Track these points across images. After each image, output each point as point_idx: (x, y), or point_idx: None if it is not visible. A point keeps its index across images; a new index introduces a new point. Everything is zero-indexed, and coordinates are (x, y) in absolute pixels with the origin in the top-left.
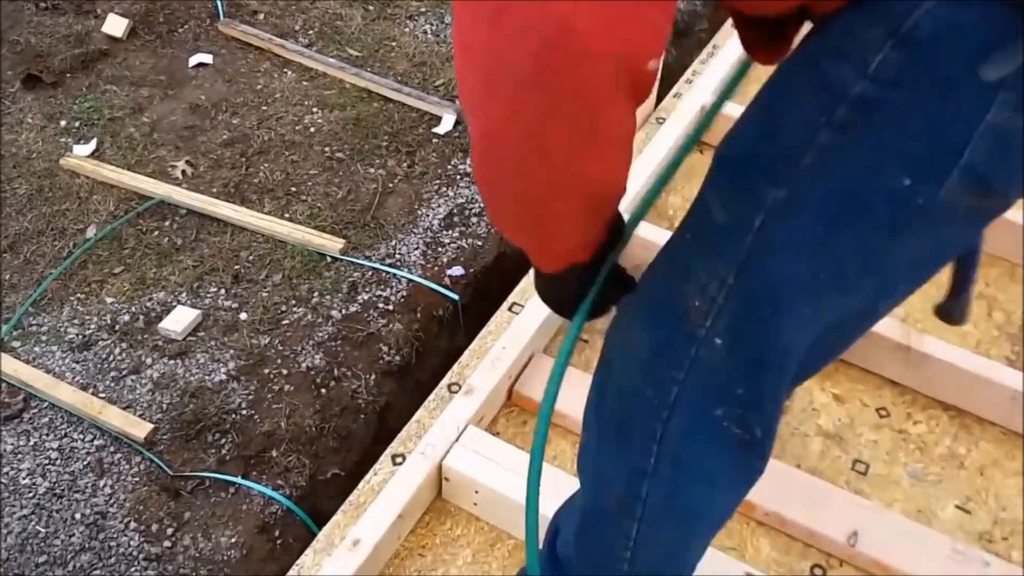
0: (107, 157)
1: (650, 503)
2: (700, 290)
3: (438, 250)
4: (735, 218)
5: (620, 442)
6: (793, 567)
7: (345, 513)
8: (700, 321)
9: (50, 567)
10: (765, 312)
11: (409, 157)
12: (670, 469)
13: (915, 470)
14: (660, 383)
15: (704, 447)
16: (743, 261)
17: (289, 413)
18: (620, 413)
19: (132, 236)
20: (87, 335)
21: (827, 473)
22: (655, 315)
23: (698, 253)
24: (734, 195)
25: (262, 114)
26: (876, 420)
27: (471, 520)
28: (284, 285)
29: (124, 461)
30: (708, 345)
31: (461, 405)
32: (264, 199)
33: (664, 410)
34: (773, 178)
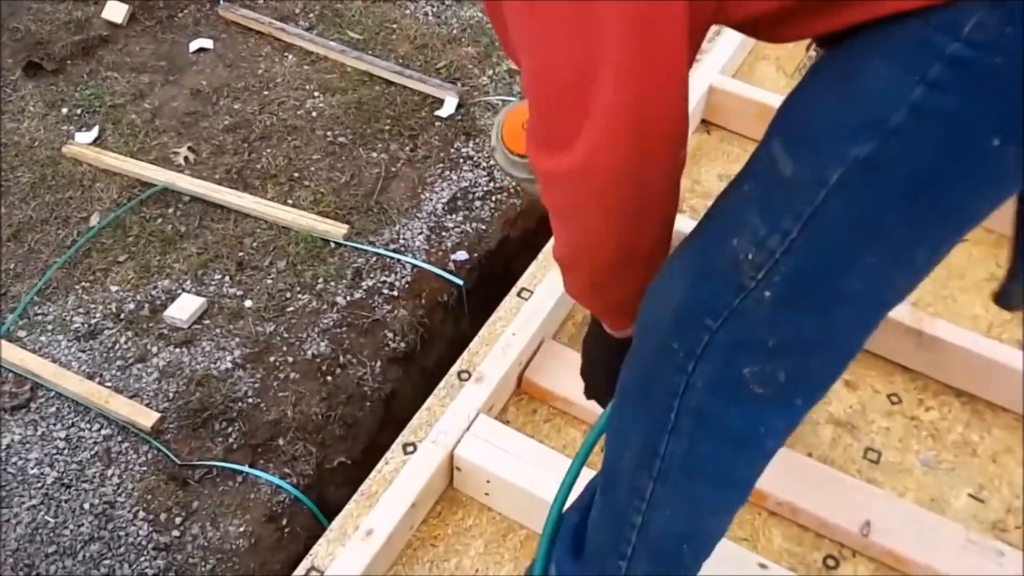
0: (109, 144)
1: (667, 461)
2: (757, 243)
3: (442, 235)
4: (809, 172)
5: (642, 398)
6: (806, 558)
7: (357, 503)
8: (752, 273)
9: (60, 557)
10: (830, 265)
11: (412, 141)
12: (691, 424)
13: (927, 458)
14: (690, 335)
15: (726, 404)
16: (812, 214)
17: (295, 401)
18: (644, 368)
19: (136, 224)
20: (93, 324)
21: (839, 462)
22: (698, 266)
23: (758, 206)
24: (810, 149)
25: (264, 99)
26: (888, 407)
27: (483, 510)
28: (288, 272)
29: (131, 450)
30: (755, 296)
31: (472, 393)
32: (267, 185)
33: (690, 362)
34: (858, 134)
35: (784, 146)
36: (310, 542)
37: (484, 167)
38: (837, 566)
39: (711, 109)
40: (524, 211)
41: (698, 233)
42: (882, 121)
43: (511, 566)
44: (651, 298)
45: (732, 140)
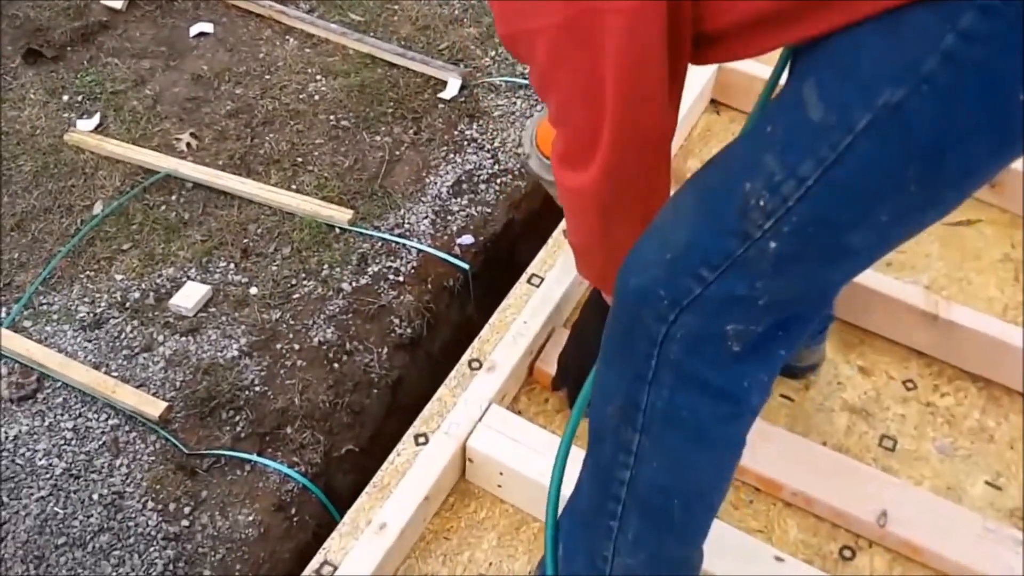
0: (111, 131)
1: (648, 413)
2: (771, 188)
3: (447, 219)
4: (836, 117)
5: (623, 347)
6: (821, 548)
7: (370, 495)
8: (760, 221)
9: (69, 548)
10: (844, 216)
11: (415, 123)
12: (670, 376)
13: (943, 445)
14: (680, 284)
15: (702, 360)
16: (834, 161)
17: (302, 389)
18: (626, 316)
19: (139, 211)
20: (98, 313)
21: (854, 450)
22: (704, 210)
23: (778, 149)
24: (841, 94)
25: (265, 83)
26: (903, 393)
27: (495, 502)
28: (293, 258)
29: (139, 440)
30: (759, 247)
31: (483, 383)
32: (270, 170)
33: (674, 311)
34: (890, 80)
35: (815, 88)
36: (319, 531)
37: (488, 149)
38: (853, 557)
39: (720, 88)
40: (529, 193)
41: (707, 175)
42: (915, 68)
43: (525, 559)
44: (649, 237)
45: (741, 120)
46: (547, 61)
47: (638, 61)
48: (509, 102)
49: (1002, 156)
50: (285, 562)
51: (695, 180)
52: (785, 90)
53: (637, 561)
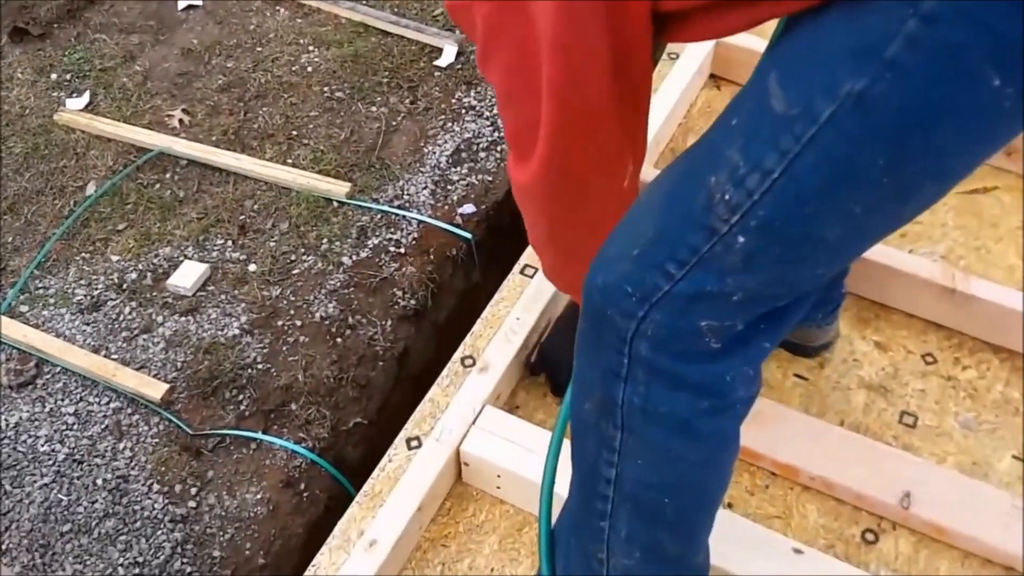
0: (101, 110)
1: (626, 409)
2: (735, 182)
3: (447, 188)
4: (799, 108)
5: (595, 342)
6: (843, 533)
7: (361, 505)
8: (726, 216)
9: (75, 535)
10: (810, 209)
11: (411, 93)
12: (643, 373)
13: (967, 419)
14: (647, 281)
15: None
16: (798, 153)
17: (306, 365)
18: (596, 314)
19: (133, 190)
20: (95, 295)
21: (873, 428)
22: (669, 205)
23: (741, 142)
24: (803, 84)
25: (257, 56)
26: (922, 367)
27: (495, 504)
28: (292, 233)
29: (142, 422)
30: (727, 242)
31: (476, 383)
32: (265, 145)
33: (643, 307)
34: (852, 69)
35: (779, 80)
36: (331, 503)
37: (487, 117)
38: (876, 540)
39: (719, 63)
40: None
41: (675, 168)
42: (877, 53)
43: (528, 562)
44: (617, 233)
45: None
46: (485, 34)
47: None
48: None
49: (981, 143)
50: (297, 537)
51: (664, 174)
52: (751, 81)
53: (633, 561)
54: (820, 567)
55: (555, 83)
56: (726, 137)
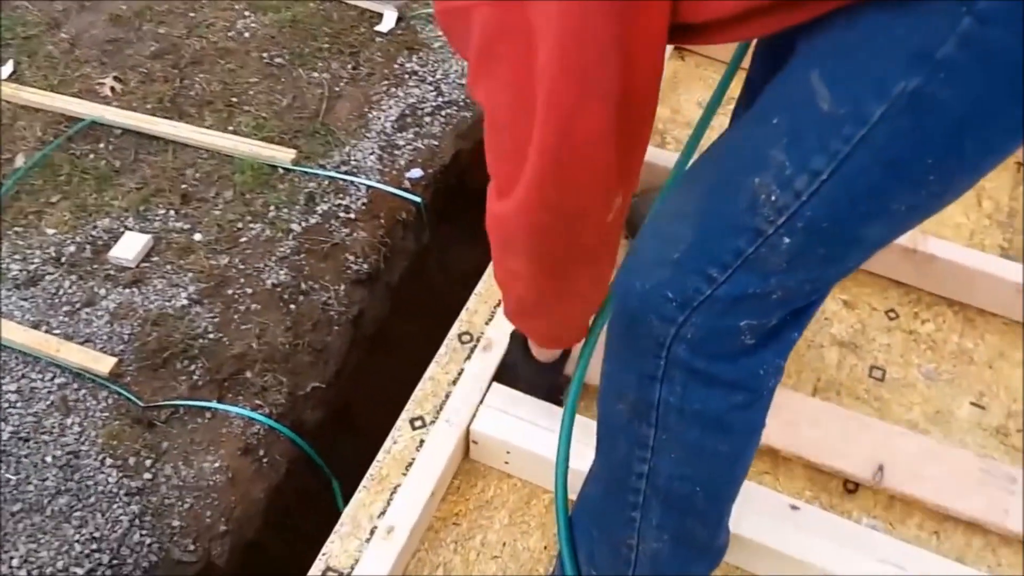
0: (27, 79)
1: (663, 409)
2: (782, 184)
3: (394, 153)
4: (847, 107)
5: (628, 346)
6: (827, 484)
7: (368, 489)
8: (772, 217)
9: (27, 514)
10: (860, 210)
11: (353, 59)
12: (681, 374)
13: (929, 371)
14: (689, 286)
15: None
16: (848, 154)
17: (259, 332)
18: (632, 320)
19: (66, 161)
20: (32, 270)
21: (847, 383)
22: (709, 208)
23: (786, 143)
24: (851, 83)
25: (191, 21)
26: (887, 323)
27: (503, 478)
28: (237, 201)
29: (90, 397)
30: (772, 244)
31: (481, 362)
32: (204, 112)
33: (683, 312)
34: (904, 68)
35: (823, 78)
36: (292, 467)
37: (431, 82)
38: (856, 490)
39: None
40: (476, 123)
41: (708, 170)
42: (929, 53)
43: (539, 534)
44: (649, 238)
45: (708, 65)
46: (480, 46)
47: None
48: None
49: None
50: (257, 503)
51: (695, 176)
52: (788, 77)
53: (662, 544)
54: (815, 521)
55: (556, 108)
56: (767, 137)
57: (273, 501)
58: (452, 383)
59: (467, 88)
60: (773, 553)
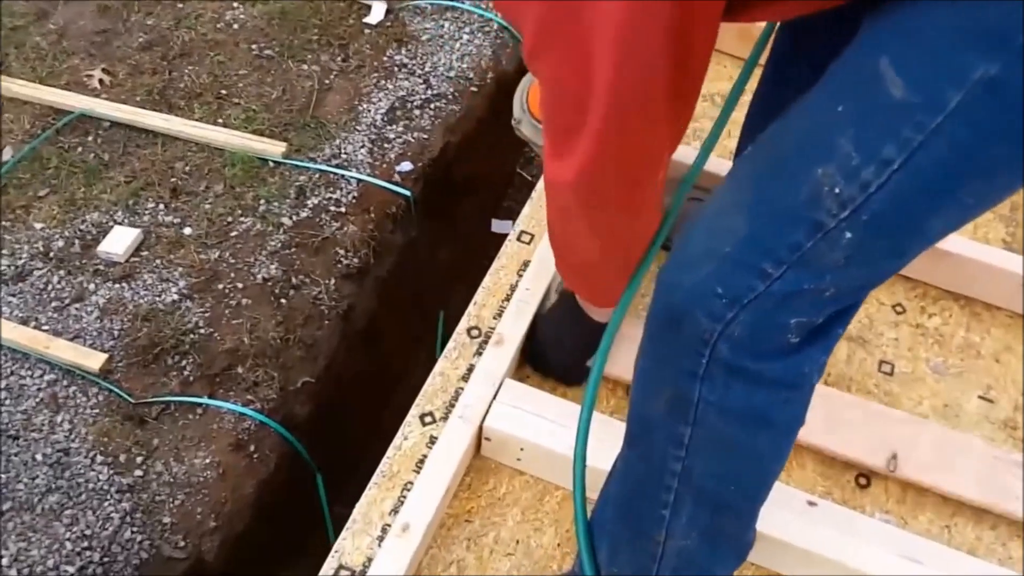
0: (14, 71)
1: (702, 407)
2: (847, 175)
3: (384, 147)
4: (922, 95)
5: (669, 343)
6: (840, 479)
7: (379, 486)
8: (835, 210)
9: (17, 513)
10: (929, 202)
11: (343, 51)
12: (723, 372)
13: (937, 364)
14: (741, 281)
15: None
16: (921, 143)
17: (250, 327)
18: (674, 309)
19: (54, 155)
20: (20, 265)
21: (856, 378)
22: (764, 200)
23: (853, 132)
24: (926, 69)
25: (179, 12)
26: (894, 317)
27: (514, 475)
28: (227, 195)
29: (80, 394)
30: (832, 238)
31: (494, 357)
32: (193, 105)
33: (732, 309)
34: (982, 55)
35: (894, 64)
36: (281, 462)
37: (420, 75)
38: (869, 484)
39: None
40: (464, 116)
41: (764, 160)
42: (1009, 39)
43: (552, 531)
44: (698, 228)
45: (720, 59)
46: (536, 33)
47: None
48: (437, 25)
49: None
50: (247, 497)
51: (748, 165)
52: (852, 61)
53: (690, 541)
54: (833, 517)
55: (612, 81)
56: (831, 125)
57: (262, 496)
58: (462, 378)
59: (524, 59)
60: (795, 550)
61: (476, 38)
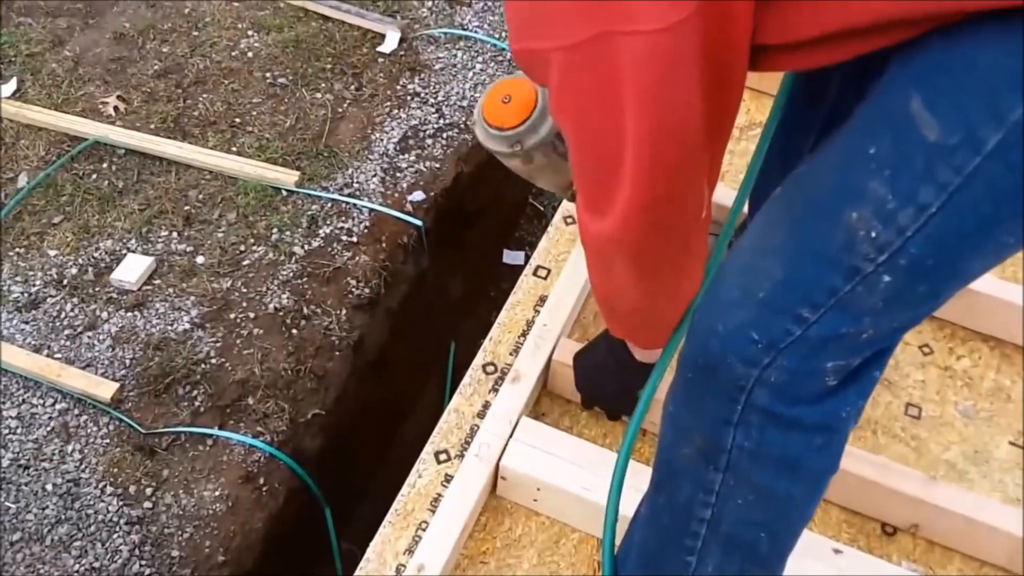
0: (31, 97)
1: (735, 453)
2: (884, 218)
3: (396, 176)
4: (958, 136)
5: (702, 389)
6: (864, 527)
7: (394, 525)
8: (872, 255)
9: (26, 544)
10: (969, 243)
11: (356, 79)
12: (758, 418)
13: (966, 408)
14: (777, 326)
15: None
16: (960, 186)
17: (261, 358)
18: (707, 355)
19: (68, 182)
20: (33, 292)
21: (882, 421)
22: (799, 246)
23: (887, 174)
24: (959, 110)
25: (194, 40)
26: (921, 358)
27: (530, 516)
28: (240, 224)
29: (91, 423)
30: (870, 283)
31: (511, 395)
32: (207, 133)
33: (769, 355)
34: (1021, 93)
35: (926, 104)
36: (291, 496)
37: (432, 104)
38: (895, 533)
39: None
40: (477, 145)
41: (795, 203)
42: None
43: (568, 574)
44: (729, 275)
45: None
46: (560, 80)
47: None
48: (450, 54)
49: None
50: (257, 531)
51: (778, 208)
52: (882, 103)
53: None
54: (859, 566)
55: (645, 128)
56: (863, 168)
57: (272, 530)
58: (477, 415)
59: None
60: None
61: (489, 67)
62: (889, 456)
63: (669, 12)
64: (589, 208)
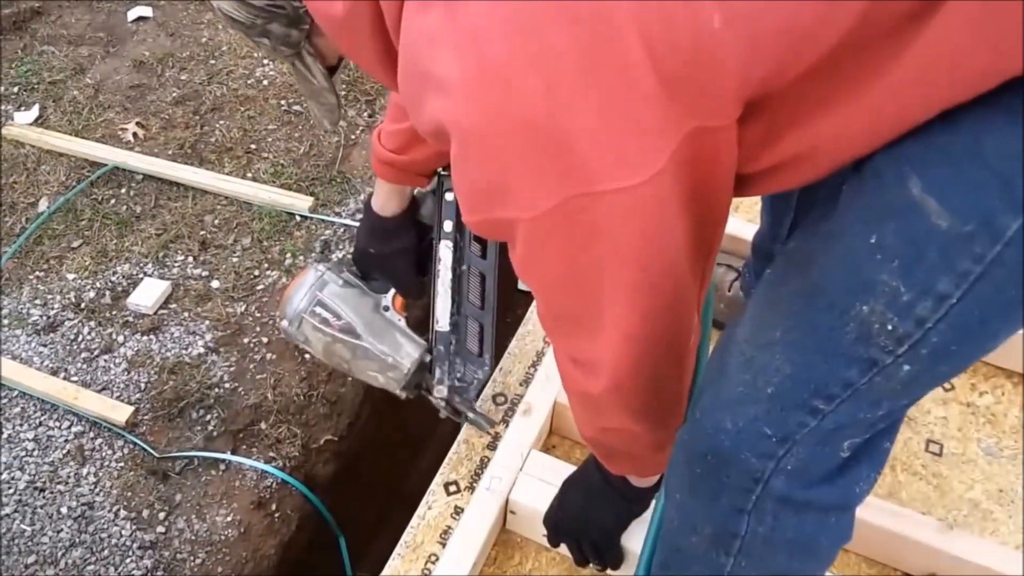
0: (52, 124)
1: (748, 538)
2: (900, 311)
3: None
4: (973, 223)
5: (715, 485)
6: (883, 571)
7: (403, 557)
8: (891, 347)
9: (40, 567)
10: (993, 326)
11: (369, 106)
12: (773, 504)
13: (989, 446)
14: (791, 419)
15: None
16: (981, 274)
17: (274, 383)
18: (721, 458)
19: (87, 206)
20: (52, 315)
21: (902, 458)
22: (805, 340)
23: (897, 266)
24: (967, 195)
25: (211, 68)
26: (942, 395)
27: (540, 551)
28: (254, 248)
29: (106, 446)
30: (889, 372)
31: (521, 428)
32: (223, 159)
33: (784, 447)
34: None
35: (930, 189)
36: (303, 522)
37: None
38: None
39: None
40: None
41: (793, 292)
42: None
43: None
44: (732, 372)
45: None
46: (526, 254)
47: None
48: None
49: None
50: (269, 558)
51: (777, 296)
52: (875, 188)
53: None
54: None
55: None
56: (868, 258)
57: (284, 557)
58: (487, 447)
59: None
60: None
61: None
62: (910, 494)
63: (642, 165)
64: (573, 361)
